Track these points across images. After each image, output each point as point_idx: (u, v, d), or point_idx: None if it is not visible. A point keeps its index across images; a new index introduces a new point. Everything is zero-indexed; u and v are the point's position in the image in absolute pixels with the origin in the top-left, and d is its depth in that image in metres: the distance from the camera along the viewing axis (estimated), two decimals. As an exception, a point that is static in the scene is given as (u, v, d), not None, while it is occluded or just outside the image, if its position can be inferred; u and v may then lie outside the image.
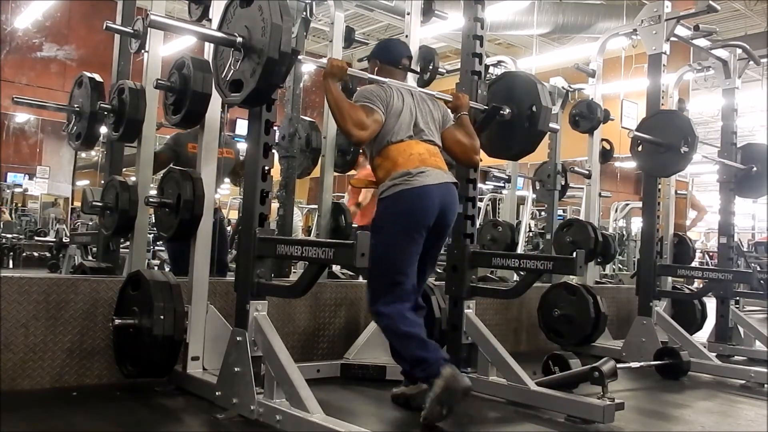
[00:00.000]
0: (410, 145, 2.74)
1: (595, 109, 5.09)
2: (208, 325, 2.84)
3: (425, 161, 2.72)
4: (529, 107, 3.20)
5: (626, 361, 3.93)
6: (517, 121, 3.25)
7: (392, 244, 2.63)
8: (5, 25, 10.07)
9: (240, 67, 2.33)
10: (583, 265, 3.04)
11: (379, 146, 2.75)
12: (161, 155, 3.84)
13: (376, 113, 2.68)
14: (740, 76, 5.16)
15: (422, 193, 2.66)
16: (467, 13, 3.33)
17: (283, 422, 2.27)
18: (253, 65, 2.28)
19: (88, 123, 3.33)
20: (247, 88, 2.31)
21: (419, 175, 2.67)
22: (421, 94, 2.92)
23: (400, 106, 2.76)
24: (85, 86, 3.34)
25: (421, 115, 2.82)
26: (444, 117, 2.94)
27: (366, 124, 2.64)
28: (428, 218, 2.68)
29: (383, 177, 2.74)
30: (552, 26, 10.48)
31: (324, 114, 3.87)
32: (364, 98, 2.72)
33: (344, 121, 2.62)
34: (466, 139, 2.93)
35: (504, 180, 5.95)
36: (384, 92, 2.75)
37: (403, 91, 2.83)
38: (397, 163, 2.70)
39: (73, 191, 14.49)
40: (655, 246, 4.43)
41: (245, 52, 2.31)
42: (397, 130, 2.74)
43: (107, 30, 3.49)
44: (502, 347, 3.02)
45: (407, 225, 2.66)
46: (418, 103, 2.85)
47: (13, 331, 2.65)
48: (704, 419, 3.04)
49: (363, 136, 2.66)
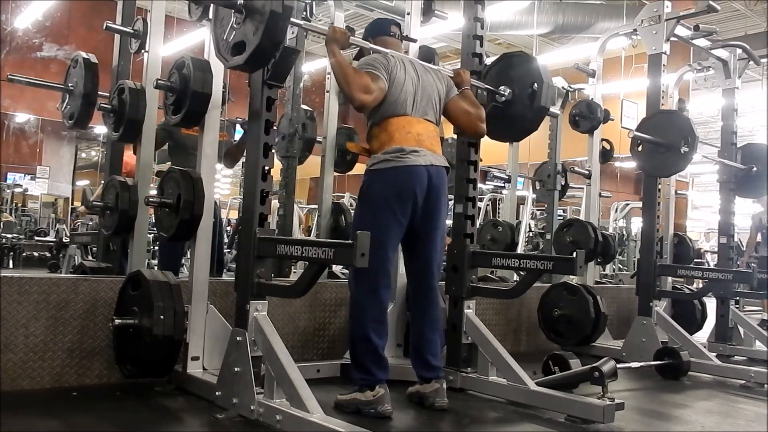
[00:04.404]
0: (410, 122, 2.75)
1: (595, 109, 5.09)
2: (208, 325, 2.84)
3: (421, 142, 2.73)
4: (530, 85, 3.20)
5: (626, 361, 3.93)
6: (519, 101, 3.24)
7: (375, 216, 2.67)
8: (5, 25, 10.08)
9: (242, 28, 2.31)
10: (583, 265, 3.05)
11: (380, 117, 2.75)
12: (157, 136, 3.81)
13: (380, 80, 2.68)
14: (740, 76, 5.15)
15: (411, 171, 2.68)
16: (467, 13, 3.33)
17: (283, 422, 2.27)
18: (256, 24, 2.24)
19: (81, 102, 3.28)
20: (250, 47, 2.26)
21: (412, 153, 2.69)
22: (423, 65, 2.91)
23: (402, 77, 2.76)
24: (80, 66, 3.30)
25: (423, 89, 2.81)
26: (448, 87, 2.94)
27: (371, 88, 2.64)
28: (415, 198, 2.69)
29: (377, 148, 2.75)
30: (552, 26, 10.48)
31: (324, 114, 3.87)
32: (367, 65, 2.71)
33: (348, 85, 2.60)
34: (471, 108, 2.94)
35: (504, 180, 5.94)
36: (388, 61, 2.74)
37: (406, 63, 2.82)
38: (393, 138, 2.72)
39: (73, 191, 14.51)
40: (655, 246, 4.43)
41: (246, 13, 2.28)
42: (399, 102, 2.74)
43: (107, 30, 3.49)
44: (502, 347, 3.02)
45: (392, 201, 2.68)
46: (421, 75, 2.84)
47: (13, 331, 2.65)
48: (704, 419, 3.04)
49: (367, 100, 2.64)
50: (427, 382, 2.78)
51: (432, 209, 2.77)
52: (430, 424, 2.66)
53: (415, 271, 2.91)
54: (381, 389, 2.61)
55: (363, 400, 2.61)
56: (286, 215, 3.99)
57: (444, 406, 2.73)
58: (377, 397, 2.59)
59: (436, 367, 2.80)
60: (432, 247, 2.84)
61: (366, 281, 2.71)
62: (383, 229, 2.67)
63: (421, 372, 2.81)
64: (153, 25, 3.30)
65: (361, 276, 2.70)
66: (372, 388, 2.60)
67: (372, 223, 2.57)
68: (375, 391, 2.60)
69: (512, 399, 2.93)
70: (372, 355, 2.67)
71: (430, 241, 2.83)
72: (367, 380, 2.63)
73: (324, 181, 3.90)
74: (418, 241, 2.82)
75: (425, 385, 2.78)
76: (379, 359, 2.67)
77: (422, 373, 2.81)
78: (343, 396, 2.69)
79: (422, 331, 2.83)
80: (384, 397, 2.60)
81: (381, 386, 2.61)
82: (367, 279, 2.69)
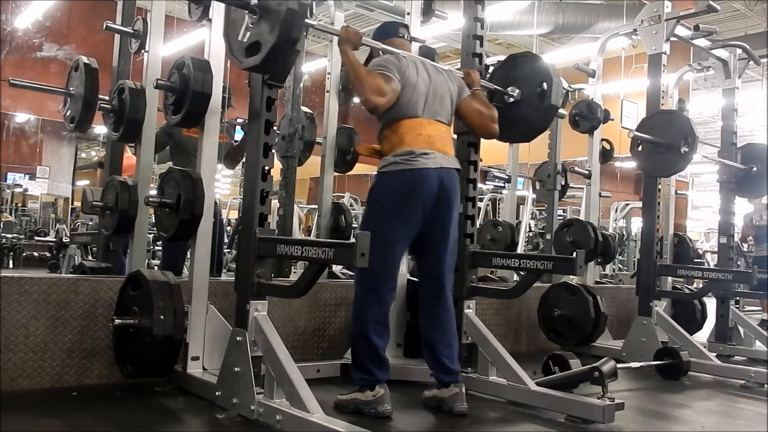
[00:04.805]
0: (421, 124, 2.73)
1: (595, 109, 5.09)
2: (208, 325, 2.84)
3: (432, 144, 2.71)
4: (538, 84, 3.19)
5: (626, 361, 3.92)
6: (528, 101, 3.23)
7: (382, 219, 2.66)
8: (5, 25, 10.08)
9: (257, 29, 2.29)
10: (583, 265, 3.04)
11: (391, 118, 2.73)
12: (157, 137, 3.82)
13: (393, 81, 2.66)
14: (740, 76, 5.16)
15: (421, 175, 2.66)
16: (467, 13, 3.32)
17: (283, 422, 2.27)
18: (272, 23, 2.22)
19: (82, 106, 3.30)
20: (266, 47, 2.24)
21: (422, 156, 2.66)
22: (435, 66, 2.90)
23: (414, 78, 2.73)
24: (80, 71, 3.32)
25: (435, 90, 2.79)
26: (460, 88, 2.93)
27: (385, 90, 2.61)
28: (423, 201, 2.67)
29: (387, 151, 2.73)
30: (552, 26, 10.48)
31: (324, 114, 3.87)
32: (380, 67, 2.68)
33: (362, 86, 2.59)
34: (484, 108, 2.93)
35: (504, 180, 5.95)
36: (400, 62, 2.72)
37: (418, 64, 2.80)
38: (404, 140, 2.69)
39: (73, 191, 14.51)
40: (655, 246, 4.44)
41: (261, 13, 2.26)
42: (411, 104, 2.71)
43: (107, 30, 3.49)
44: (502, 347, 3.02)
45: (402, 204, 2.66)
46: (433, 76, 2.82)
47: (13, 331, 2.65)
48: (704, 419, 3.04)
49: (381, 103, 2.62)
50: (445, 386, 2.74)
51: (443, 212, 2.74)
52: (430, 424, 2.66)
53: (427, 275, 2.85)
54: (381, 389, 2.61)
55: (363, 400, 2.61)
56: (286, 215, 3.99)
57: (464, 411, 2.69)
58: (377, 397, 2.59)
59: (456, 371, 2.77)
60: (443, 249, 2.80)
61: (369, 282, 2.70)
62: (389, 232, 2.65)
63: (441, 376, 2.77)
64: (153, 25, 3.30)
65: (365, 277, 2.69)
66: (372, 388, 2.61)
67: (379, 226, 2.57)
68: (375, 391, 2.60)
69: (512, 399, 2.93)
70: (373, 355, 2.66)
71: (442, 243, 2.79)
72: (368, 380, 2.63)
73: (324, 181, 3.90)
74: (429, 244, 2.78)
75: (443, 390, 2.74)
76: (379, 359, 2.67)
77: (441, 377, 2.76)
78: (343, 396, 2.69)
79: (438, 335, 2.78)
80: (384, 397, 2.60)
81: (381, 386, 2.61)
82: (371, 280, 2.68)
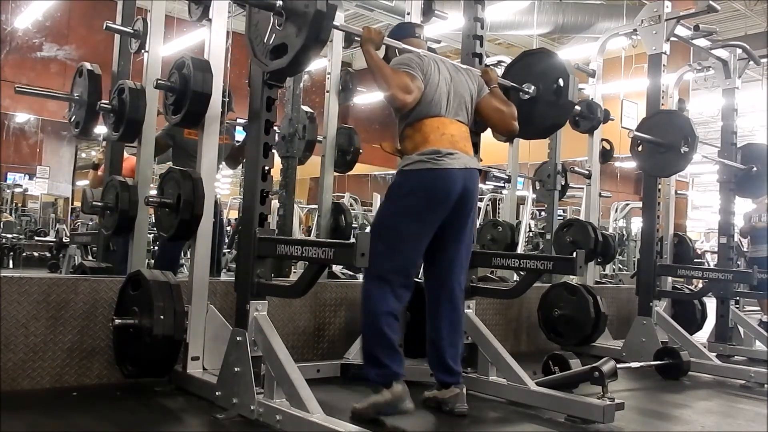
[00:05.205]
0: (444, 123, 2.71)
1: (595, 109, 5.09)
2: (208, 325, 2.84)
3: (455, 144, 2.69)
4: (554, 81, 3.17)
5: (626, 361, 3.92)
6: (544, 97, 3.22)
7: (399, 216, 2.63)
8: (5, 25, 10.07)
9: (283, 30, 2.28)
10: (583, 265, 3.03)
11: (414, 117, 2.70)
12: (159, 140, 3.83)
13: (417, 80, 2.64)
14: (740, 76, 5.16)
15: (446, 176, 2.63)
16: (467, 13, 3.33)
17: (283, 422, 2.27)
18: (299, 24, 2.20)
19: (86, 112, 3.32)
20: (293, 49, 2.23)
21: (447, 156, 2.64)
22: (455, 65, 2.90)
23: (436, 77, 2.72)
24: (84, 77, 3.33)
25: (455, 89, 2.78)
26: (479, 86, 2.92)
27: (411, 87, 2.60)
28: (446, 202, 2.64)
29: (411, 149, 2.70)
30: (552, 26, 10.48)
31: (324, 114, 3.88)
32: (403, 65, 2.67)
33: (388, 84, 2.57)
34: (504, 106, 2.92)
35: (504, 180, 5.95)
36: (422, 60, 2.71)
37: (439, 63, 2.79)
38: (428, 139, 2.67)
39: (73, 191, 14.51)
40: (655, 246, 4.44)
41: (287, 15, 2.25)
42: (433, 103, 2.70)
43: (107, 30, 3.49)
44: (502, 347, 3.02)
45: (424, 203, 2.62)
46: (454, 75, 2.81)
47: (13, 331, 2.65)
48: (704, 419, 3.04)
49: (408, 100, 2.60)
50: (446, 387, 2.72)
51: (462, 212, 2.72)
52: (431, 424, 2.66)
53: (437, 274, 2.81)
54: (398, 385, 2.49)
55: (382, 402, 2.49)
56: (286, 215, 3.99)
57: (464, 412, 2.68)
58: (396, 395, 2.48)
59: (458, 372, 2.74)
60: (457, 249, 2.77)
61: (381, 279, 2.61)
62: (408, 229, 2.62)
63: (442, 377, 2.74)
64: (153, 25, 3.31)
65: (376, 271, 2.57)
66: (389, 386, 2.49)
67: (394, 222, 2.57)
68: (393, 388, 2.48)
69: (512, 399, 2.93)
70: (387, 346, 2.55)
71: (457, 243, 2.76)
72: (384, 375, 2.52)
73: (324, 181, 3.91)
74: (444, 243, 2.75)
75: (444, 391, 2.73)
76: (394, 351, 2.57)
77: (443, 378, 2.74)
78: (359, 404, 2.55)
79: (444, 336, 2.75)
80: (403, 394, 2.49)
81: (398, 382, 2.50)
82: (383, 276, 2.60)
